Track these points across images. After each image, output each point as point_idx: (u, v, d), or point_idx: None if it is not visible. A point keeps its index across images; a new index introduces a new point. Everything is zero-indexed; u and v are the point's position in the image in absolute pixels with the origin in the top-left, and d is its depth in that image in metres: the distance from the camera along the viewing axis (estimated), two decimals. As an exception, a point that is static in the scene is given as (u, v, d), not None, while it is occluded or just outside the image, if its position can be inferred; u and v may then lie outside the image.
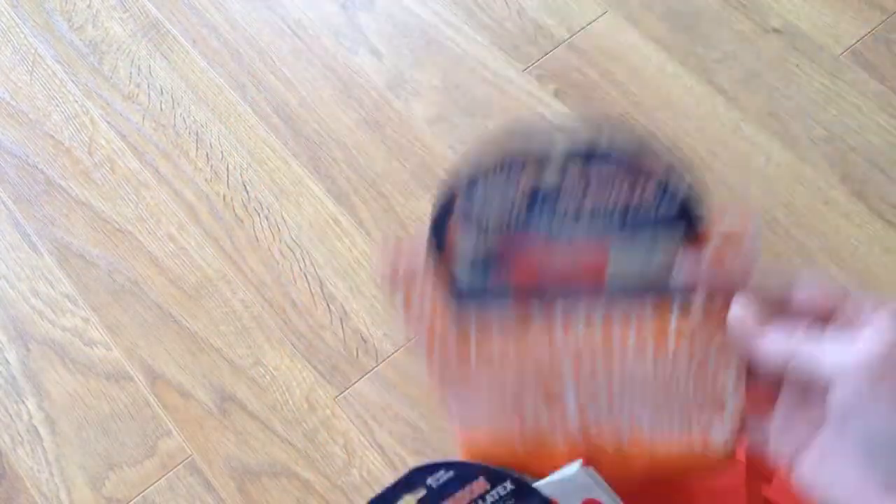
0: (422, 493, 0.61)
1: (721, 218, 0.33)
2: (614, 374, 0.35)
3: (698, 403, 0.35)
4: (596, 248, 0.34)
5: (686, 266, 0.33)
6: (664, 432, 0.36)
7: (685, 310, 0.34)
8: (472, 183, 0.35)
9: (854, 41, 0.86)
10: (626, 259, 0.34)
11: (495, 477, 0.53)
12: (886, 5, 0.88)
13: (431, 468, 0.60)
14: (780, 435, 0.32)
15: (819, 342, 0.29)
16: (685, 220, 0.33)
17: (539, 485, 0.57)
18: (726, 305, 0.33)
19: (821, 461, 0.30)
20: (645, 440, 0.36)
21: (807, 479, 0.31)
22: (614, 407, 0.36)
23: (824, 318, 0.31)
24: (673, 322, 0.34)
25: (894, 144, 0.81)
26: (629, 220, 0.34)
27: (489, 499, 0.55)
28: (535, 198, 0.34)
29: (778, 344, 0.31)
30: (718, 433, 0.35)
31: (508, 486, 0.56)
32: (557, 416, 0.36)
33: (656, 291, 0.34)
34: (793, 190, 0.79)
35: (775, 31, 0.87)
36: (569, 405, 0.36)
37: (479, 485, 0.56)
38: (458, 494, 0.55)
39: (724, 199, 0.78)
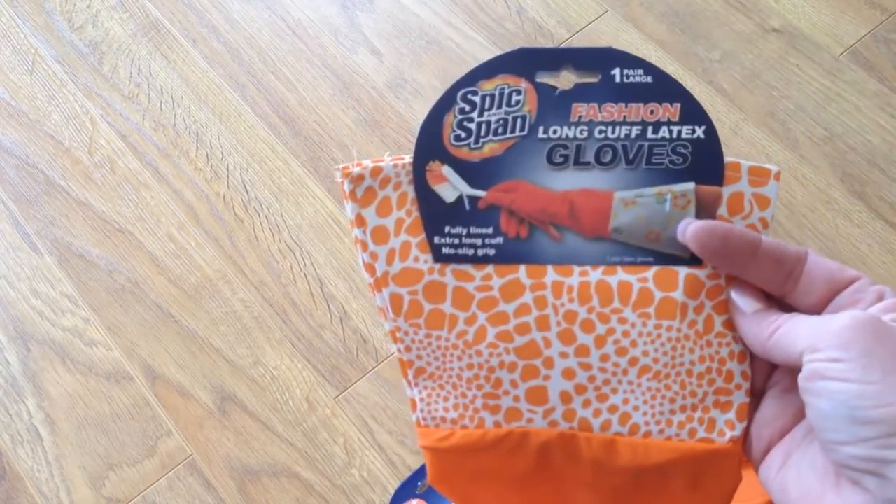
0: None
1: (737, 173, 0.29)
2: (608, 343, 0.30)
3: (702, 389, 0.31)
4: (599, 194, 0.30)
5: (697, 227, 0.28)
6: (660, 422, 0.31)
7: (694, 274, 0.30)
8: (473, 92, 0.31)
9: (854, 41, 0.86)
10: (631, 209, 0.30)
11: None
12: (886, 5, 0.88)
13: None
14: (758, 428, 0.30)
15: (800, 317, 0.28)
16: (699, 170, 0.29)
17: None
18: (735, 276, 0.30)
19: (784, 462, 0.29)
20: (636, 431, 0.31)
21: (768, 479, 0.29)
22: (605, 387, 0.31)
23: (825, 299, 0.28)
24: (681, 283, 0.30)
25: (894, 144, 0.81)
26: (637, 164, 0.30)
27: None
28: (538, 126, 0.30)
29: (764, 322, 0.28)
30: (725, 426, 0.31)
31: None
32: (536, 401, 0.31)
33: (663, 249, 0.30)
34: (793, 190, 0.79)
35: (775, 31, 0.87)
36: (552, 386, 0.31)
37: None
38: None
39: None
